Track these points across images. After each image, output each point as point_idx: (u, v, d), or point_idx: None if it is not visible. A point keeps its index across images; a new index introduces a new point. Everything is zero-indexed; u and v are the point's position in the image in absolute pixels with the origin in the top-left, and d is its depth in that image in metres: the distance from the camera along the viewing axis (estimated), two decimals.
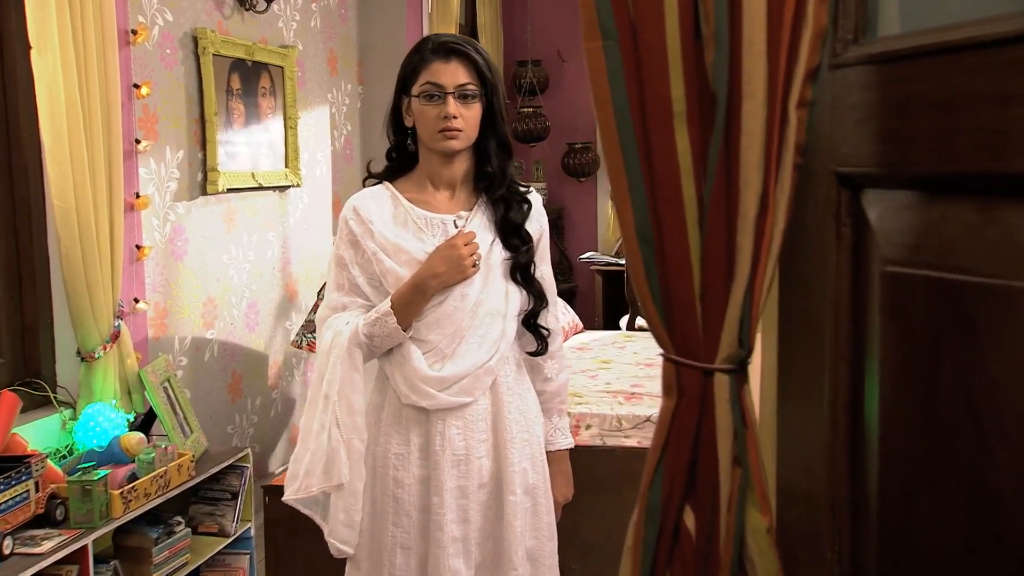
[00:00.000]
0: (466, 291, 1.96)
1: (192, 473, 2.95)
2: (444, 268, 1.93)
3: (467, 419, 1.98)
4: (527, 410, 2.07)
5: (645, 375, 3.90)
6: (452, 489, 1.97)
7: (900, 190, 0.98)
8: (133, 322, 3.24)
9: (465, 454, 1.98)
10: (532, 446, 2.06)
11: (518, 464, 2.01)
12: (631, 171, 1.01)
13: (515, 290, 2.02)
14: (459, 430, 1.98)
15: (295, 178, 4.28)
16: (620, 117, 1.01)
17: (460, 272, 1.94)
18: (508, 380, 2.04)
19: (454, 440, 1.97)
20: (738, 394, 1.01)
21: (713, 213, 0.99)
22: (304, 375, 4.48)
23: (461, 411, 1.98)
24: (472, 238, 1.97)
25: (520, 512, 2.00)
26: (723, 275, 0.99)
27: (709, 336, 1.00)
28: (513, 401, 2.03)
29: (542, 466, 2.09)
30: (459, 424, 1.98)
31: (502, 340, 1.99)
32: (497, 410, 2.01)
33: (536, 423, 2.09)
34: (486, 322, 1.98)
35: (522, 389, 2.07)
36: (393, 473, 2.00)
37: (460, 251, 1.93)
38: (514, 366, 2.06)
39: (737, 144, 0.98)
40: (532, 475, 2.05)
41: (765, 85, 0.96)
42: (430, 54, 1.98)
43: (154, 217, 3.40)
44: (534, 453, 2.07)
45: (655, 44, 0.99)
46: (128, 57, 3.19)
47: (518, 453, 2.02)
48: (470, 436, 1.99)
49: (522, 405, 2.06)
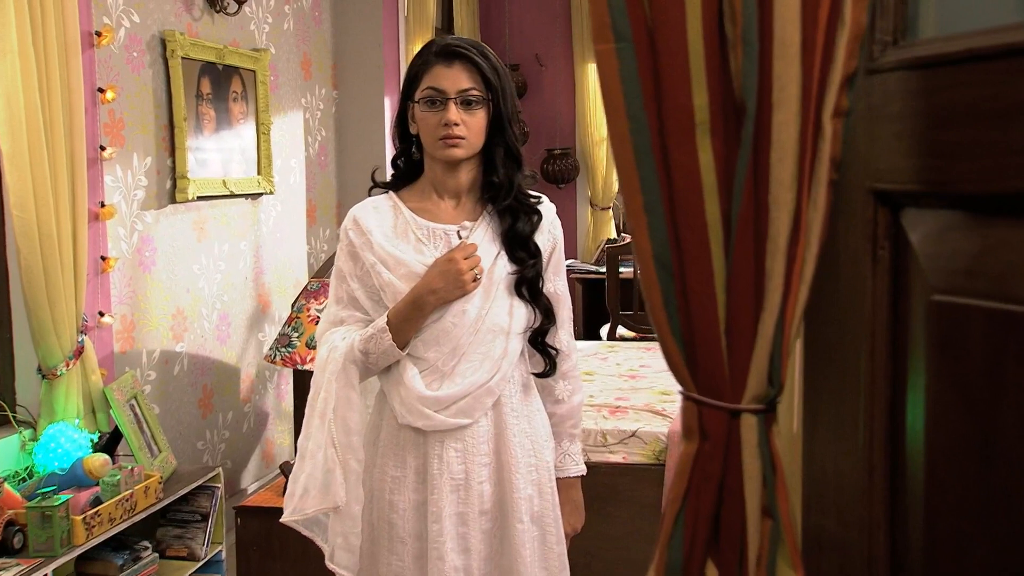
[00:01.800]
0: (466, 307, 1.87)
1: (160, 495, 2.83)
2: (442, 283, 1.85)
3: (467, 441, 1.90)
4: (534, 433, 1.97)
5: (630, 387, 3.80)
6: (451, 516, 1.88)
7: (946, 210, 0.89)
8: (98, 337, 3.12)
9: (465, 479, 1.89)
10: (539, 472, 1.96)
11: (523, 491, 1.92)
12: (647, 189, 0.91)
13: (521, 306, 1.93)
14: (458, 453, 1.89)
15: (268, 185, 4.18)
16: (635, 128, 0.91)
17: (459, 287, 1.85)
18: (512, 401, 1.94)
19: (452, 464, 1.89)
20: (767, 437, 0.91)
21: (740, 236, 0.88)
22: (277, 387, 4.36)
23: (460, 433, 1.89)
24: (473, 251, 1.88)
25: (528, 541, 1.91)
26: (751, 305, 0.89)
27: (735, 373, 0.90)
28: (518, 423, 1.94)
29: (551, 493, 1.98)
30: (458, 447, 1.89)
31: (504, 359, 1.90)
32: (500, 433, 1.92)
33: (545, 447, 1.99)
34: (487, 339, 1.89)
35: (529, 411, 1.98)
36: (389, 497, 1.92)
37: (459, 265, 1.85)
38: (519, 386, 1.97)
39: (767, 159, 0.88)
40: (539, 503, 1.95)
41: (799, 92, 0.86)
42: (433, 57, 1.89)
43: (120, 227, 3.28)
44: (541, 479, 1.97)
45: (675, 46, 0.89)
46: (92, 60, 3.08)
47: (523, 479, 1.92)
48: (470, 460, 1.90)
49: (528, 428, 1.96)
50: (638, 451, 3.31)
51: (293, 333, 3.24)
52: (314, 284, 3.37)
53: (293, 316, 3.31)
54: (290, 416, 4.37)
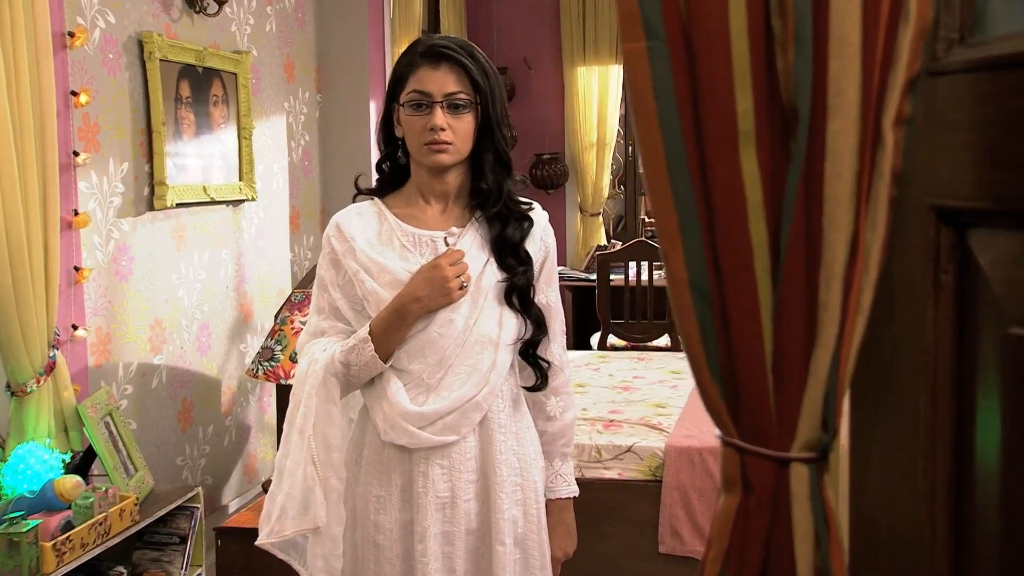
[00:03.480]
0: (453, 316, 1.80)
1: (136, 517, 2.70)
2: (426, 291, 1.77)
3: (453, 459, 1.83)
4: (523, 452, 1.90)
5: (623, 400, 3.70)
6: (436, 535, 1.81)
7: (1021, 231, 0.78)
8: (71, 351, 2.99)
9: (450, 497, 1.82)
10: (525, 492, 1.89)
11: (507, 512, 1.85)
12: (683, 206, 0.80)
13: (511, 316, 1.85)
14: (444, 471, 1.82)
15: (250, 191, 4.07)
16: (668, 137, 0.80)
17: (444, 295, 1.78)
18: (500, 417, 1.86)
19: (438, 482, 1.82)
20: (819, 489, 0.80)
21: (790, 260, 0.77)
22: (259, 400, 4.23)
23: (446, 450, 1.82)
24: (460, 257, 1.81)
25: (509, 565, 1.84)
26: (802, 339, 0.78)
27: (784, 416, 0.79)
28: (506, 441, 1.87)
29: (537, 516, 1.91)
30: (444, 464, 1.82)
31: (492, 372, 1.82)
32: (487, 450, 1.85)
33: (533, 467, 1.92)
34: (475, 351, 1.81)
35: (518, 428, 1.90)
36: (374, 517, 1.85)
37: (444, 272, 1.77)
38: (509, 402, 1.89)
39: (821, 172, 0.77)
40: (523, 525, 1.88)
41: (859, 97, 0.75)
42: (419, 58, 1.81)
43: (95, 235, 3.15)
44: (527, 500, 1.89)
45: (715, 44, 0.78)
46: (65, 62, 2.96)
47: (508, 499, 1.85)
48: (456, 477, 1.83)
49: (516, 446, 1.89)
50: (634, 467, 3.21)
51: (276, 346, 3.11)
52: (298, 295, 3.25)
53: (276, 328, 3.18)
54: (273, 429, 4.25)
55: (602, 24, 5.96)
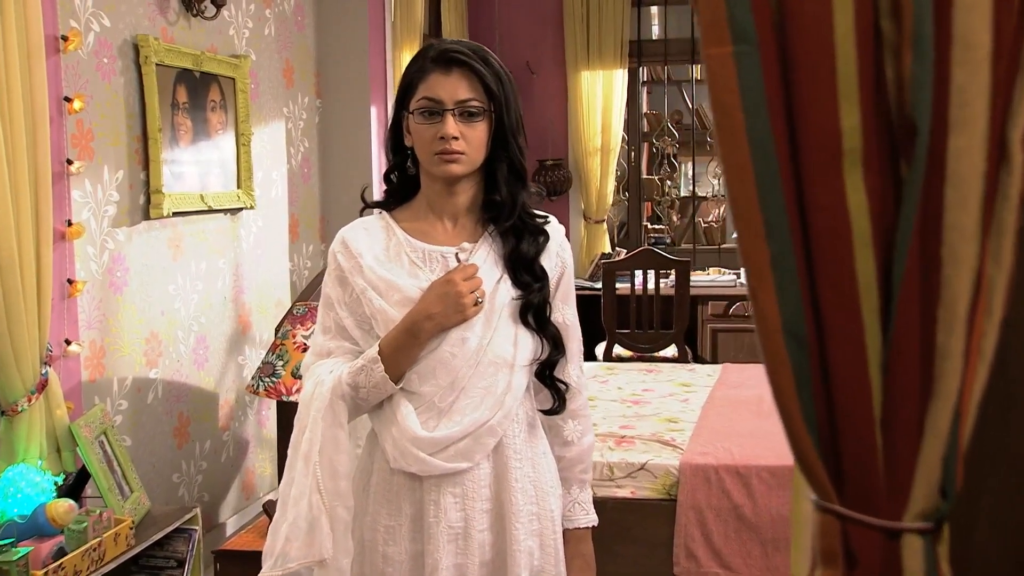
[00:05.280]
0: (466, 335, 1.72)
1: (131, 542, 2.61)
2: (440, 307, 1.69)
3: (466, 487, 1.74)
4: (539, 479, 1.81)
5: (634, 414, 3.59)
6: (449, 568, 1.73)
7: None
8: (64, 367, 2.88)
9: (463, 527, 1.74)
10: (542, 522, 1.80)
11: (523, 543, 1.76)
12: (775, 236, 0.69)
13: (526, 335, 1.76)
14: (456, 499, 1.74)
15: (248, 199, 3.97)
16: (759, 157, 0.69)
17: (459, 312, 1.70)
18: (516, 442, 1.78)
19: (450, 511, 1.73)
20: (935, 563, 0.69)
21: (903, 300, 0.67)
22: (258, 414, 4.12)
23: (459, 478, 1.74)
24: (474, 272, 1.72)
25: None
26: (917, 390, 0.67)
27: (895, 480, 0.68)
28: (521, 467, 1.78)
29: (554, 547, 1.82)
30: (456, 492, 1.74)
31: (508, 395, 1.74)
32: (501, 477, 1.76)
33: (550, 495, 1.83)
34: (490, 373, 1.73)
35: (534, 454, 1.81)
36: (382, 549, 1.77)
37: (459, 287, 1.69)
38: (524, 426, 1.80)
39: (940, 197, 0.66)
40: (539, 557, 1.80)
41: (988, 110, 0.65)
42: (429, 63, 1.73)
43: (90, 246, 3.05)
44: (543, 531, 1.81)
45: (816, 50, 0.67)
46: (58, 67, 2.86)
47: (524, 529, 1.76)
48: (469, 506, 1.74)
49: (533, 473, 1.80)
50: (648, 485, 3.10)
51: (278, 361, 3.00)
52: (300, 308, 3.14)
53: (278, 343, 3.07)
54: (273, 444, 4.14)
55: (606, 27, 5.86)
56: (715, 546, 2.98)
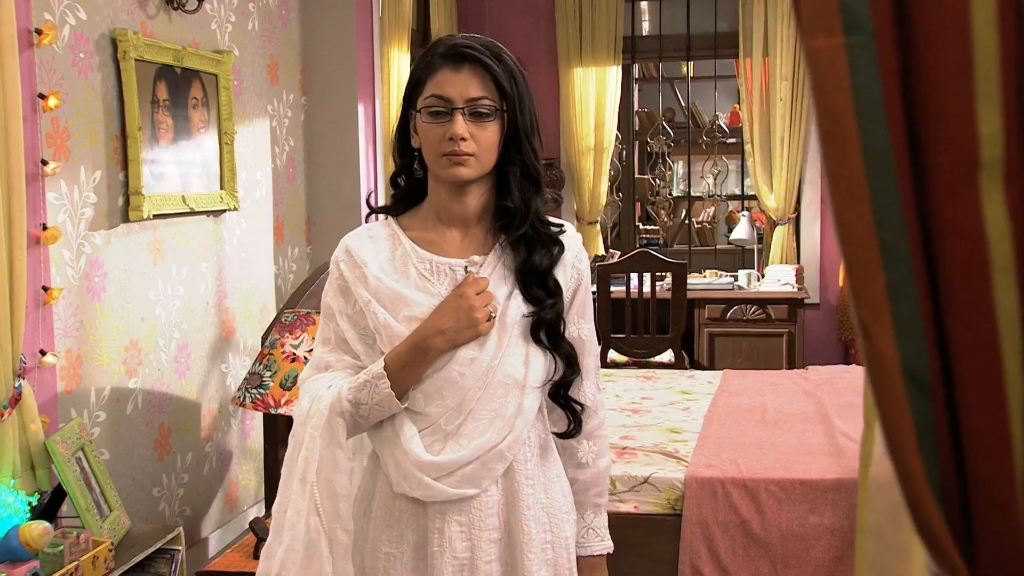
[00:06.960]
0: (476, 353, 1.63)
1: (111, 565, 2.49)
2: (452, 323, 1.60)
3: (472, 514, 1.65)
4: (552, 505, 1.71)
5: (634, 424, 3.48)
6: None
7: None
8: (38, 378, 2.75)
9: (469, 557, 1.65)
10: (556, 550, 1.71)
11: (536, 573, 1.67)
12: (894, 263, 0.58)
13: (538, 354, 1.67)
14: (462, 527, 1.65)
15: (231, 201, 3.85)
16: (875, 168, 0.57)
17: (471, 327, 1.61)
18: (527, 467, 1.68)
19: (455, 540, 1.64)
20: None
21: None
22: (242, 423, 3.99)
23: (465, 505, 1.65)
24: (485, 285, 1.64)
25: None
26: None
27: None
28: (533, 493, 1.68)
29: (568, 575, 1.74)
30: (462, 520, 1.65)
31: (518, 418, 1.64)
32: (512, 504, 1.67)
33: (564, 521, 1.73)
34: (499, 394, 1.64)
35: (546, 478, 1.72)
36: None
37: (471, 301, 1.61)
38: (536, 449, 1.71)
39: None
40: None
41: None
42: (438, 59, 1.63)
43: (66, 250, 2.92)
44: (558, 559, 1.71)
45: (947, 41, 0.55)
46: (31, 62, 2.75)
47: (536, 559, 1.67)
48: (476, 535, 1.65)
49: (545, 499, 1.71)
50: (651, 499, 2.99)
51: (265, 372, 2.87)
52: (288, 316, 3.01)
53: (265, 352, 2.94)
54: (257, 455, 4.01)
55: (600, 22, 5.74)
56: (722, 563, 2.88)
